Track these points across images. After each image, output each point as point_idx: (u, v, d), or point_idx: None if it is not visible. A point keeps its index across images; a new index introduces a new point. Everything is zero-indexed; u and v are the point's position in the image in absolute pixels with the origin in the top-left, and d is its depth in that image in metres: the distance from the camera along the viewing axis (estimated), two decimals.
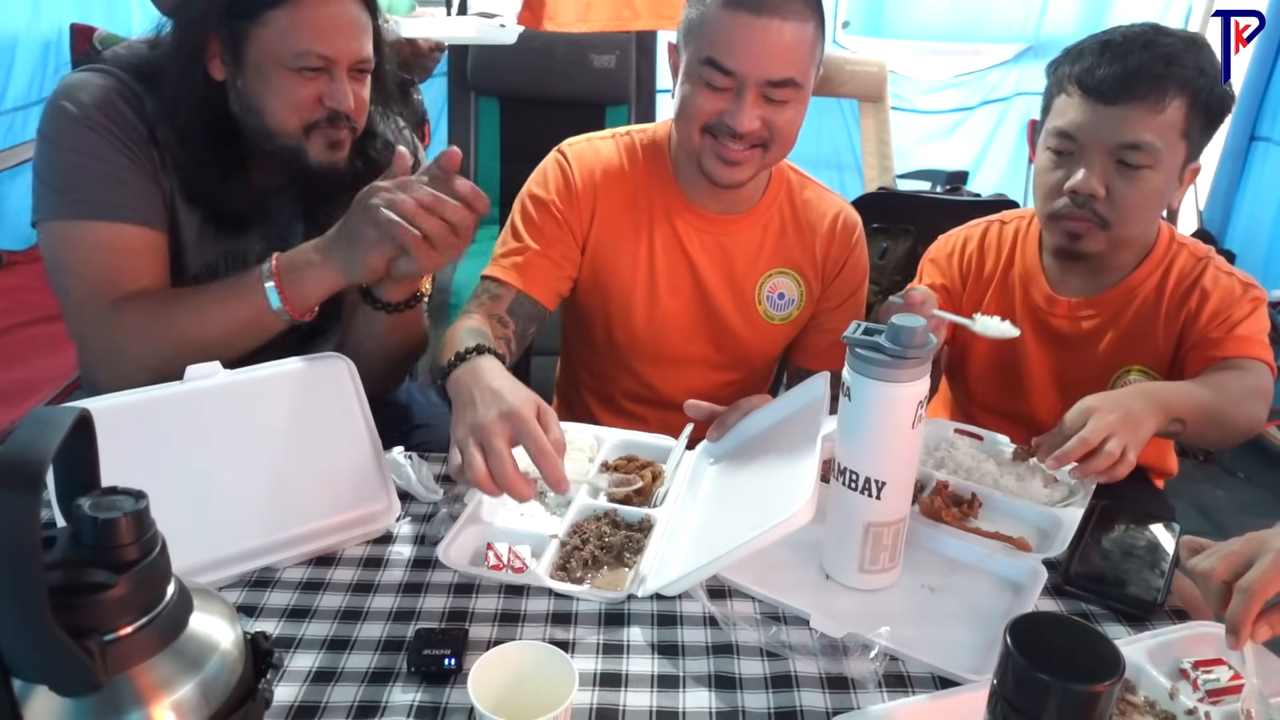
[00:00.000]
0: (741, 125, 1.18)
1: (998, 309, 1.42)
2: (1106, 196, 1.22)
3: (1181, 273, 1.33)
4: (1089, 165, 1.22)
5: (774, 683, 0.85)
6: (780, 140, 1.23)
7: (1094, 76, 1.20)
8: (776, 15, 1.14)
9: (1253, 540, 0.82)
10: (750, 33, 1.14)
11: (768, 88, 1.17)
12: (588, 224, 1.36)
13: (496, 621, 0.92)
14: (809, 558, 1.02)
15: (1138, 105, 1.18)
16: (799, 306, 1.39)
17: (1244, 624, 0.77)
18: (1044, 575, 0.97)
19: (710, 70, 1.18)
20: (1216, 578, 0.81)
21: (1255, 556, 0.80)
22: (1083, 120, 1.21)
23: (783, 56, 1.16)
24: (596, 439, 1.22)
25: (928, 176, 3.23)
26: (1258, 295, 1.31)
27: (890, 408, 0.89)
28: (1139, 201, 1.23)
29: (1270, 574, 0.77)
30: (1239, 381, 1.24)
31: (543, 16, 2.39)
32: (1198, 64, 1.19)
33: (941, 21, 3.76)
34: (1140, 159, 1.20)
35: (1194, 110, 1.20)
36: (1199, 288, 1.31)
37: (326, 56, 1.13)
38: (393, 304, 1.20)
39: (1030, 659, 0.59)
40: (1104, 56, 1.20)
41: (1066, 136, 1.24)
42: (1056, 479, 1.15)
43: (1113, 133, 1.20)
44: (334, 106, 1.16)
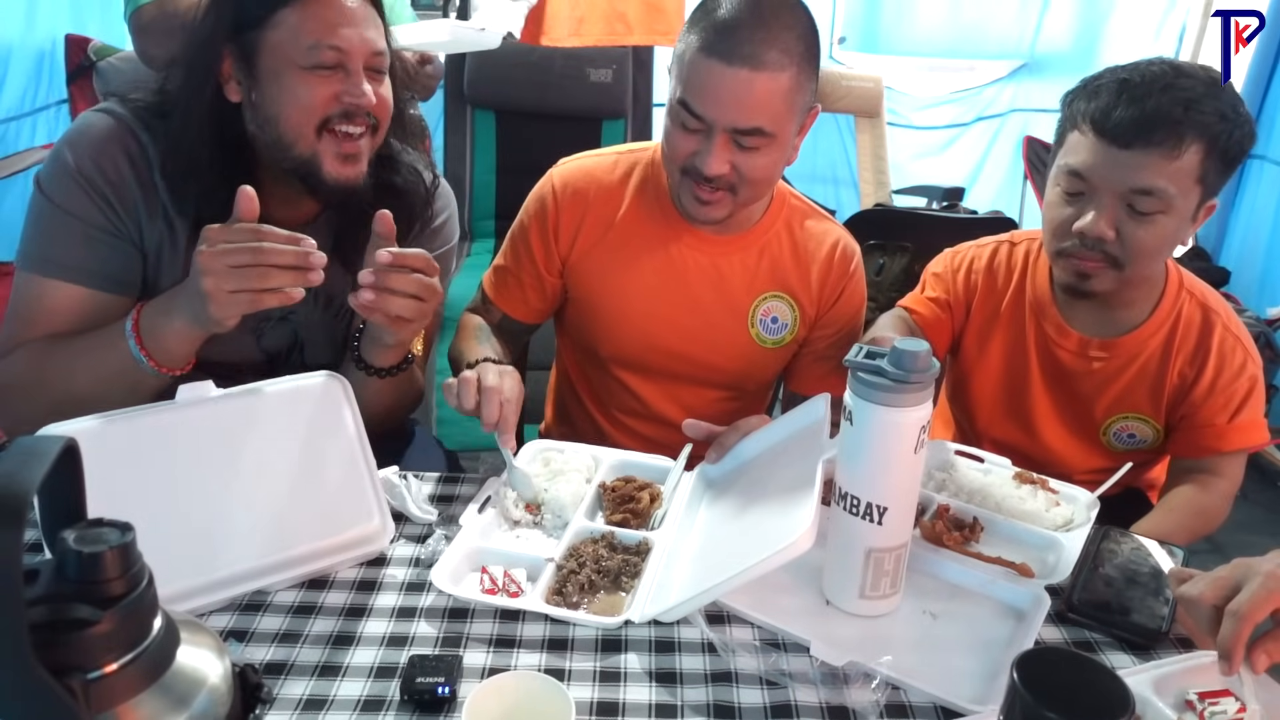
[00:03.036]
0: (709, 169, 1.17)
1: (1009, 336, 1.41)
2: (1116, 238, 1.19)
3: (1188, 325, 1.32)
4: (1099, 208, 1.18)
5: (774, 712, 0.84)
6: (750, 184, 1.21)
7: (1110, 118, 1.15)
8: (747, 65, 1.12)
9: (1240, 565, 0.82)
10: (720, 81, 1.13)
11: (736, 134, 1.16)
12: (569, 246, 1.36)
13: (491, 647, 0.90)
14: (809, 582, 1.00)
15: (1153, 151, 1.14)
16: (791, 331, 1.38)
17: (1235, 649, 0.76)
18: (1047, 602, 0.96)
19: (683, 112, 1.17)
20: (1205, 602, 0.80)
21: (1243, 581, 0.80)
22: (1095, 161, 1.18)
23: (752, 106, 1.14)
24: (594, 459, 1.21)
25: (924, 192, 3.24)
26: (1255, 374, 1.33)
27: (892, 432, 0.88)
28: (1151, 244, 1.20)
29: (1259, 597, 0.77)
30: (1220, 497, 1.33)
31: (540, 32, 2.39)
32: (1218, 109, 1.14)
33: (937, 38, 3.78)
34: (1152, 205, 1.16)
35: (1211, 156, 1.15)
36: (1205, 351, 1.31)
37: (339, 48, 1.10)
38: (383, 369, 1.19)
39: (1038, 696, 0.58)
40: (1121, 97, 1.15)
41: (1077, 176, 1.20)
42: (1059, 502, 1.14)
43: (1125, 177, 1.16)
44: (353, 101, 1.11)
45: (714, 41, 1.13)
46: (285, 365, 1.28)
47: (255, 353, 1.25)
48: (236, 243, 0.97)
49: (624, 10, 2.60)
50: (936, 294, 1.46)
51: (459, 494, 1.17)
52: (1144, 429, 1.37)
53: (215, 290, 0.96)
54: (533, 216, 1.38)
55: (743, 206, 1.26)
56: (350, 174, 1.15)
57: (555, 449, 1.22)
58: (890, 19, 3.81)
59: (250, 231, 0.98)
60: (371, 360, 1.18)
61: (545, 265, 1.38)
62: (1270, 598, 0.77)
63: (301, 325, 1.26)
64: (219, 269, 0.96)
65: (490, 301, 1.43)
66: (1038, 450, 1.43)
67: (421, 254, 1.07)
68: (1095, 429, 1.39)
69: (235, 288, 0.96)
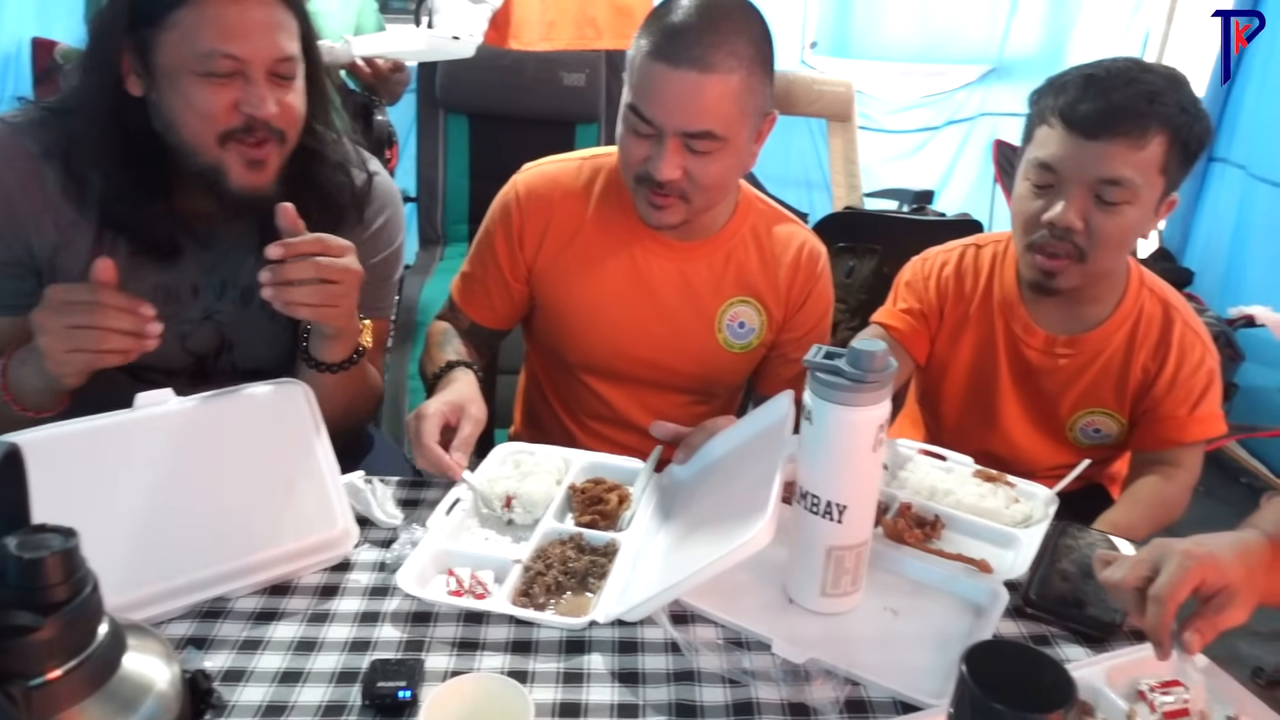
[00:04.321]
0: (661, 174, 1.17)
1: (978, 336, 1.44)
2: (1085, 230, 1.23)
3: (1149, 321, 1.36)
4: (1068, 198, 1.22)
5: (735, 710, 0.84)
6: (703, 190, 1.21)
7: (1077, 111, 1.19)
8: (695, 68, 1.12)
9: (1158, 545, 0.82)
10: (668, 84, 1.13)
11: (687, 138, 1.16)
12: (534, 253, 1.36)
13: (455, 650, 0.90)
14: (773, 581, 1.01)
15: (1119, 141, 1.18)
16: (759, 336, 1.39)
17: (1162, 633, 0.76)
18: (1005, 597, 0.97)
19: (633, 116, 1.18)
20: (1126, 587, 0.80)
21: (1162, 562, 0.80)
22: (1063, 153, 1.21)
23: (700, 110, 1.14)
24: (565, 461, 1.21)
25: (894, 195, 3.27)
26: (1213, 367, 1.36)
27: (851, 431, 0.89)
28: (1117, 235, 1.24)
29: (1177, 579, 0.77)
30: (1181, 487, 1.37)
31: (508, 35, 2.39)
32: (1179, 102, 1.19)
33: (907, 43, 3.82)
34: (1119, 195, 1.20)
35: (1174, 147, 1.20)
36: (1166, 346, 1.35)
37: (236, 57, 1.04)
38: (333, 364, 1.17)
39: (985, 688, 0.59)
40: (1087, 91, 1.20)
41: (1047, 169, 1.24)
42: (1018, 499, 1.16)
43: (1093, 167, 1.20)
44: (250, 112, 1.06)
45: (662, 45, 1.13)
46: (215, 367, 1.26)
47: (181, 356, 1.23)
48: (74, 301, 0.96)
49: (593, 14, 2.61)
50: (909, 304, 1.48)
51: (425, 498, 1.16)
52: (1109, 423, 1.39)
53: (51, 349, 0.96)
54: (497, 223, 1.38)
55: (698, 213, 1.26)
56: (257, 181, 1.11)
57: (526, 451, 1.22)
58: (861, 24, 3.84)
59: (88, 292, 0.97)
60: (320, 356, 1.16)
61: (511, 272, 1.38)
62: (1188, 577, 0.77)
63: (228, 326, 1.24)
64: (55, 328, 0.96)
65: (458, 308, 1.43)
66: (1005, 448, 1.45)
67: (315, 238, 1.04)
68: (1062, 425, 1.42)
69: (71, 348, 0.96)
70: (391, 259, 1.33)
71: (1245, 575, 0.80)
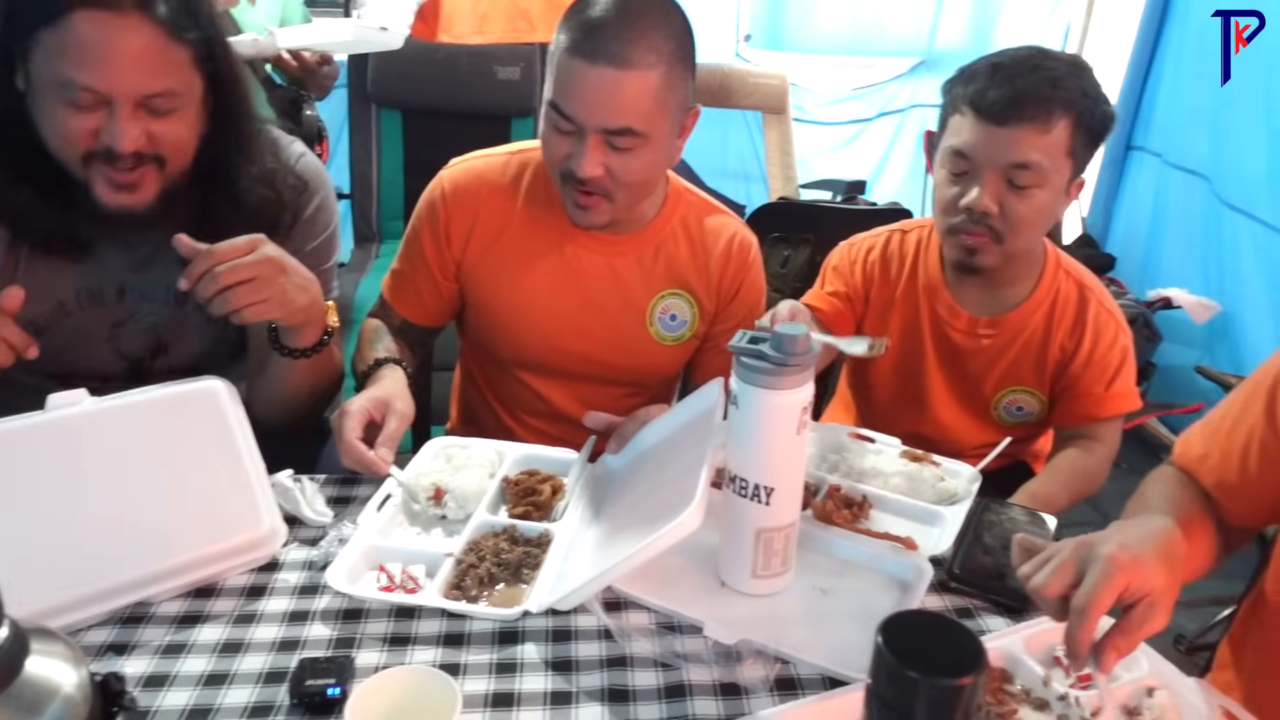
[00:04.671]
0: (582, 171, 1.17)
1: (903, 319, 1.47)
2: (1000, 213, 1.27)
3: (1065, 301, 1.41)
4: (982, 183, 1.27)
5: (667, 693, 0.85)
6: (626, 188, 1.21)
7: (985, 98, 1.24)
8: (612, 64, 1.12)
9: (1083, 546, 0.77)
10: (586, 80, 1.13)
11: (608, 135, 1.16)
12: (461, 249, 1.35)
13: (386, 646, 0.90)
14: (705, 565, 1.02)
15: (1026, 126, 1.23)
16: (691, 328, 1.40)
17: (1079, 649, 0.72)
18: (929, 572, 1.00)
19: (554, 114, 1.17)
20: (1050, 597, 0.75)
21: (1086, 565, 0.75)
22: (975, 140, 1.26)
23: (620, 106, 1.14)
24: (498, 454, 1.21)
25: (828, 186, 3.31)
26: (1126, 344, 1.42)
27: (775, 414, 0.90)
28: (1030, 217, 1.28)
29: (1101, 590, 0.72)
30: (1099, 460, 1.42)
31: (437, 27, 2.36)
32: (1080, 86, 1.24)
33: (839, 35, 3.87)
34: (1029, 178, 1.25)
35: (1078, 130, 1.25)
36: (1082, 325, 1.40)
37: (95, 90, 0.98)
38: (306, 349, 1.16)
39: (900, 657, 0.61)
40: (994, 79, 1.24)
41: (961, 156, 1.29)
42: (944, 477, 1.19)
43: (1003, 152, 1.24)
44: (109, 144, 1.00)
45: (580, 41, 1.13)
46: (151, 370, 1.23)
47: (114, 360, 1.20)
48: None
49: (526, 7, 2.59)
50: (836, 288, 1.51)
51: (357, 495, 1.15)
52: (1030, 401, 1.44)
53: None
54: (424, 221, 1.37)
55: (624, 210, 1.26)
56: (128, 201, 1.07)
57: (458, 445, 1.21)
58: (794, 17, 3.89)
59: None
60: (291, 344, 1.15)
61: (440, 269, 1.37)
62: (1112, 587, 0.72)
63: (161, 327, 1.22)
64: None
65: (389, 306, 1.42)
66: (934, 428, 1.50)
67: (209, 254, 1.01)
68: (986, 404, 1.46)
69: None
70: (328, 243, 1.31)
71: (1168, 579, 0.76)
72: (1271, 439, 0.94)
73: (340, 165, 3.08)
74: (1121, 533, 0.79)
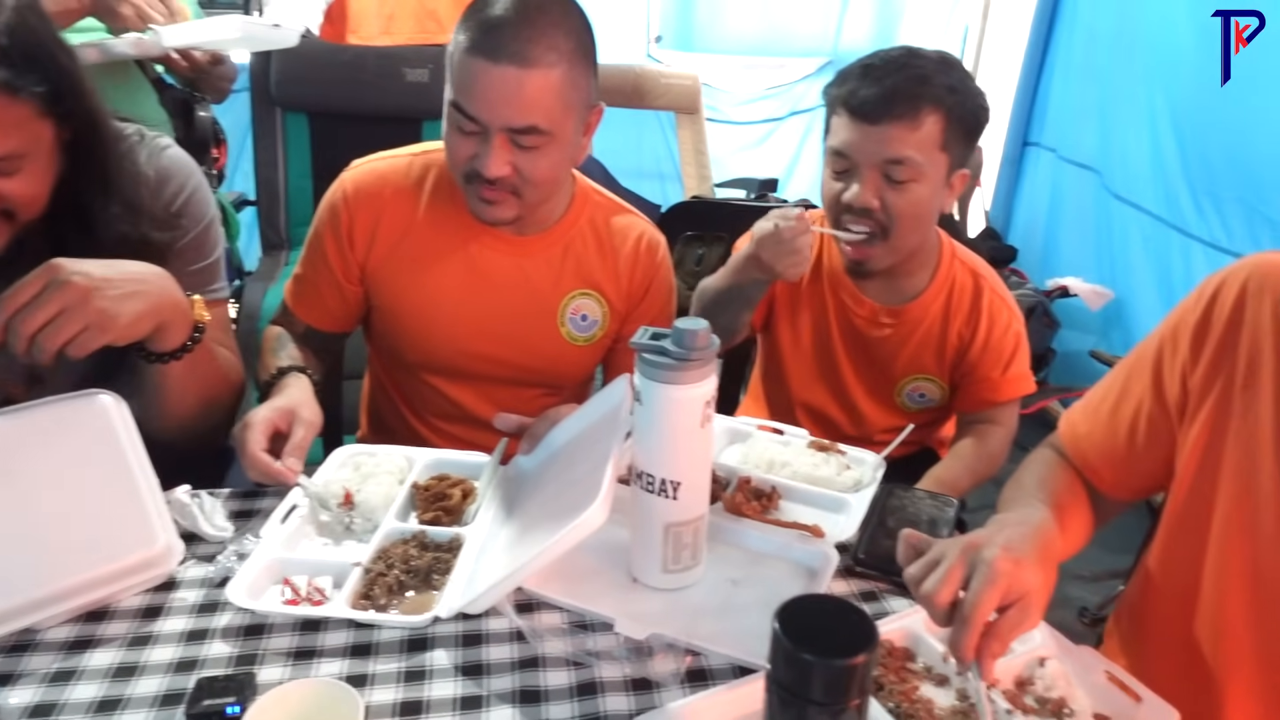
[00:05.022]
0: (489, 171, 1.17)
1: (813, 307, 1.51)
2: (881, 207, 1.32)
3: (961, 291, 1.46)
4: (862, 181, 1.32)
5: (579, 691, 0.85)
6: (534, 186, 1.21)
7: (858, 98, 1.29)
8: (514, 63, 1.11)
9: (969, 550, 0.78)
10: (488, 79, 1.13)
11: (513, 134, 1.16)
12: (364, 251, 1.33)
13: (291, 660, 0.88)
14: (618, 562, 1.03)
15: (897, 123, 1.28)
16: (602, 327, 1.40)
17: (965, 654, 0.74)
18: (835, 559, 1.02)
19: (457, 114, 1.17)
20: (940, 606, 0.76)
21: (972, 570, 0.76)
22: (852, 139, 1.31)
23: (523, 105, 1.14)
24: (407, 460, 1.19)
25: (742, 185, 3.37)
26: (1019, 330, 1.48)
27: (678, 409, 0.91)
28: (910, 210, 1.33)
29: (985, 595, 0.74)
30: (999, 442, 1.47)
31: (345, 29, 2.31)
32: (948, 82, 1.29)
33: (749, 36, 3.94)
34: (905, 173, 1.30)
35: (950, 124, 1.30)
36: (977, 313, 1.45)
37: None
38: (173, 350, 1.09)
39: (795, 641, 0.62)
40: (865, 80, 1.30)
41: (841, 155, 1.34)
42: (849, 465, 1.22)
43: (878, 149, 1.29)
44: None
45: (480, 40, 1.13)
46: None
47: None
48: None
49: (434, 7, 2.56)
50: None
51: (261, 507, 1.12)
52: (932, 388, 1.49)
53: None
54: (325, 224, 1.34)
55: (531, 208, 1.26)
56: None
57: (366, 452, 1.19)
58: (704, 17, 3.94)
59: None
60: (155, 348, 1.07)
61: (343, 273, 1.34)
62: (994, 591, 0.74)
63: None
64: None
65: (292, 312, 1.39)
66: (846, 413, 1.54)
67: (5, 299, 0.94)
68: (890, 390, 1.51)
69: None
70: (204, 236, 1.24)
71: (1044, 579, 0.79)
72: (1159, 412, 0.99)
73: (246, 171, 2.99)
74: (1004, 532, 0.81)
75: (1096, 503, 1.05)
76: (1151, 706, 0.83)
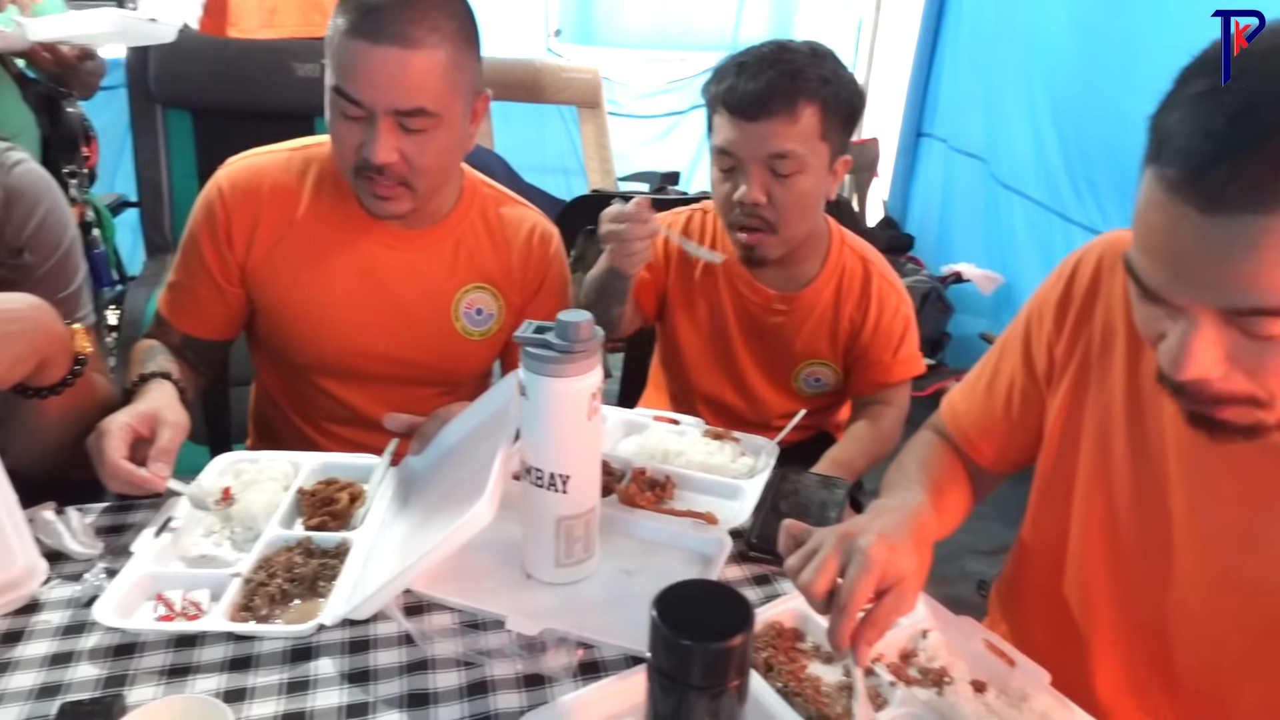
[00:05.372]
0: (377, 157, 1.14)
1: (709, 298, 1.53)
2: (769, 202, 1.34)
3: (851, 276, 1.49)
4: (748, 177, 1.33)
5: (469, 691, 0.84)
6: (423, 173, 1.19)
7: (735, 96, 1.30)
8: (396, 44, 1.10)
9: (845, 539, 0.79)
10: (372, 62, 1.10)
11: (401, 117, 1.14)
12: (244, 251, 1.28)
13: (164, 679, 0.84)
14: (511, 560, 1.02)
15: (775, 118, 1.29)
16: (498, 321, 1.38)
17: (842, 642, 0.75)
18: (729, 545, 1.03)
19: (341, 100, 1.14)
20: (817, 595, 0.77)
21: (848, 559, 0.77)
22: (734, 137, 1.32)
23: (409, 86, 1.12)
24: (293, 465, 1.15)
25: (644, 178, 3.38)
26: (908, 313, 1.51)
27: (564, 402, 0.90)
28: (798, 202, 1.35)
29: (860, 583, 0.75)
30: (892, 423, 1.50)
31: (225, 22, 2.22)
32: (821, 74, 1.31)
33: (648, 30, 3.95)
34: (788, 166, 1.32)
35: (827, 114, 1.32)
36: (867, 298, 1.48)
37: None
38: (54, 385, 1.03)
39: (672, 627, 0.62)
40: (740, 78, 1.30)
41: (726, 153, 1.35)
42: (744, 452, 1.24)
43: (760, 145, 1.31)
44: None
45: (360, 22, 1.10)
46: None
47: None
48: None
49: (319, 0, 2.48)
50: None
51: (134, 522, 1.07)
52: (827, 373, 1.53)
53: None
54: (201, 225, 1.29)
55: (424, 199, 1.24)
56: None
57: (248, 459, 1.15)
58: (603, 11, 3.93)
59: None
60: (35, 384, 1.01)
61: (223, 275, 1.29)
62: (869, 579, 0.75)
63: None
64: None
65: (167, 323, 1.32)
66: (745, 400, 1.56)
67: None
68: (787, 376, 1.54)
69: None
70: (65, 261, 1.18)
71: (919, 563, 0.80)
72: (1029, 384, 1.03)
73: (127, 171, 2.85)
74: (879, 519, 0.83)
75: (976, 478, 1.09)
76: (1024, 669, 0.86)
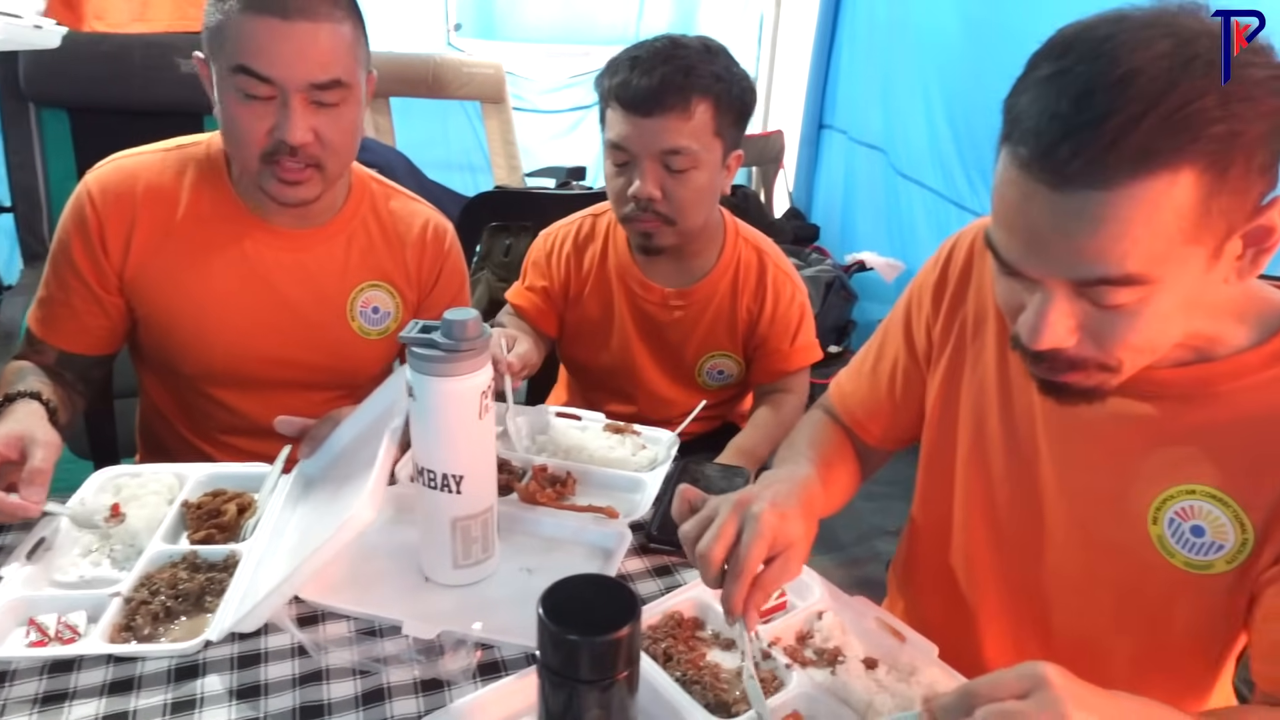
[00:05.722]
0: (292, 137, 1.11)
1: (599, 299, 1.52)
2: (663, 197, 1.35)
3: (747, 268, 1.51)
4: (642, 172, 1.33)
5: (365, 699, 0.82)
6: (335, 153, 1.17)
7: (629, 91, 1.30)
8: (305, 17, 1.08)
9: (740, 506, 0.80)
10: (284, 37, 1.08)
11: (314, 91, 1.11)
12: (121, 258, 1.22)
13: (36, 708, 0.80)
14: (409, 564, 1.00)
15: (669, 115, 1.30)
16: (395, 319, 1.35)
17: (735, 607, 0.77)
18: (629, 538, 1.04)
19: (246, 79, 1.09)
20: (714, 565, 0.78)
21: (742, 526, 0.79)
22: (628, 132, 1.32)
23: (323, 58, 1.10)
24: (177, 478, 1.11)
25: (550, 173, 3.36)
26: (803, 301, 1.54)
27: (454, 402, 0.89)
28: (692, 197, 1.37)
29: (754, 548, 0.77)
30: (793, 409, 1.52)
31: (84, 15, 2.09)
32: (713, 70, 1.32)
33: (550, 23, 3.92)
34: (682, 162, 1.33)
35: (720, 110, 1.34)
36: (763, 288, 1.50)
37: None
38: None
39: (558, 623, 0.62)
40: (634, 73, 1.30)
41: (619, 148, 1.35)
42: (645, 445, 1.24)
43: (654, 141, 1.31)
44: None
45: (261, 0, 1.08)
46: None
47: None
48: None
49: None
50: (535, 283, 1.55)
51: (4, 544, 1.01)
52: (729, 364, 1.55)
53: None
54: (72, 233, 1.22)
55: (331, 182, 1.21)
56: None
57: (129, 473, 1.10)
58: (505, 5, 3.88)
59: None
60: None
61: (99, 284, 1.23)
62: (762, 544, 0.77)
63: None
64: None
65: (40, 341, 1.24)
66: (648, 399, 1.57)
67: None
68: (690, 371, 1.55)
69: None
70: None
71: (806, 529, 0.82)
72: (911, 365, 1.07)
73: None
74: (771, 488, 0.85)
75: (864, 456, 1.13)
76: (914, 644, 0.89)
